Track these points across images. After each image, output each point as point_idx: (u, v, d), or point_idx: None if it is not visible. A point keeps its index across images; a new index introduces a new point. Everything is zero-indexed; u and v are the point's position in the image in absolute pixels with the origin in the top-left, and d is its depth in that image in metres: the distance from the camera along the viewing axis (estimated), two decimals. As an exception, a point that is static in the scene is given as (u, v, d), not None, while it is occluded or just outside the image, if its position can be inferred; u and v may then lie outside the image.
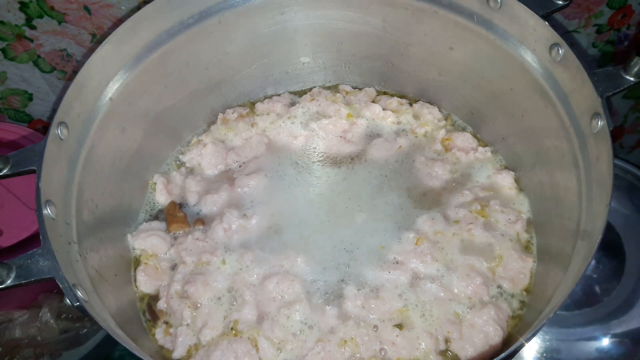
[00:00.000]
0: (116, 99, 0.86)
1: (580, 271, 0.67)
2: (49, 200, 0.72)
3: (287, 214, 0.93)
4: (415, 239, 0.87)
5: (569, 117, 0.79)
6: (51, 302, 1.08)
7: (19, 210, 1.04)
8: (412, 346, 0.79)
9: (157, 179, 0.98)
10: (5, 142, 1.13)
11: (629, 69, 0.73)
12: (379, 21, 0.97)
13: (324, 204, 0.95)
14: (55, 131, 0.75)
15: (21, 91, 1.19)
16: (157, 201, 0.98)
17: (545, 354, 0.96)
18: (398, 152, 0.99)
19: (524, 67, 0.84)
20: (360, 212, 0.93)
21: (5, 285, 0.66)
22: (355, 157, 1.00)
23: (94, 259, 0.80)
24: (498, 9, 0.83)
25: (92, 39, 1.08)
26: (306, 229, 0.91)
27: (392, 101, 1.05)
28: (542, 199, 0.90)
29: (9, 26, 1.04)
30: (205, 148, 1.00)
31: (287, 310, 0.82)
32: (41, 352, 1.08)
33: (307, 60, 1.08)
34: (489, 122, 1.00)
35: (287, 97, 1.09)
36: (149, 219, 0.96)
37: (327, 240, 0.90)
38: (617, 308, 0.96)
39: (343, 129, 1.02)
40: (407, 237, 0.88)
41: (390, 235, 0.89)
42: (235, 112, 1.05)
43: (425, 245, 0.87)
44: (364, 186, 0.96)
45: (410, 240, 0.88)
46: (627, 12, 1.14)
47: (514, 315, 0.83)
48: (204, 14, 0.91)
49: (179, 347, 0.81)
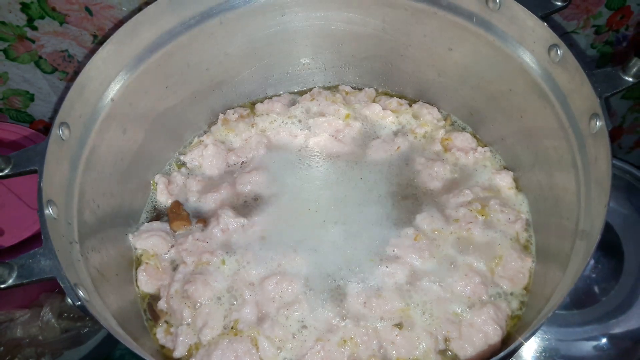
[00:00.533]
0: (117, 100, 0.86)
1: (579, 271, 0.67)
2: (50, 200, 0.72)
3: (286, 214, 0.94)
4: (414, 235, 0.88)
5: (567, 117, 0.79)
6: (52, 301, 1.08)
7: (21, 210, 1.04)
8: (411, 345, 0.79)
9: (159, 179, 0.99)
10: (6, 142, 1.13)
11: (628, 70, 0.74)
12: (379, 22, 0.98)
13: (324, 203, 0.95)
14: (56, 131, 0.76)
15: (23, 92, 1.19)
16: (158, 201, 0.98)
17: (544, 353, 0.96)
18: (398, 152, 0.99)
19: (522, 68, 0.85)
20: (360, 211, 0.93)
21: (6, 285, 0.66)
22: (355, 157, 1.00)
23: (95, 258, 0.80)
24: (497, 10, 0.83)
25: (93, 39, 1.08)
26: (305, 228, 0.92)
27: (391, 101, 1.05)
28: (541, 199, 0.90)
29: (10, 27, 1.04)
30: (206, 149, 1.01)
31: (287, 310, 0.82)
32: (42, 351, 1.08)
33: (307, 61, 1.08)
34: (488, 122, 1.00)
35: (287, 97, 1.10)
36: (150, 219, 0.97)
37: (326, 239, 0.90)
38: (615, 308, 0.97)
39: (337, 129, 1.02)
40: (406, 232, 0.88)
41: (389, 233, 0.89)
42: (236, 113, 1.05)
43: (423, 241, 0.87)
44: (364, 185, 0.96)
45: (409, 235, 0.88)
46: (626, 13, 1.15)
47: (513, 315, 0.83)
48: (205, 15, 0.92)
49: (180, 347, 0.82)
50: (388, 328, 0.81)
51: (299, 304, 0.82)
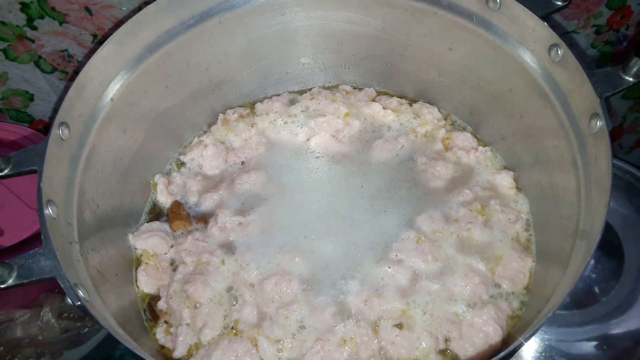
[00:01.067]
0: (117, 100, 0.86)
1: (579, 271, 0.67)
2: (50, 200, 0.72)
3: (285, 213, 0.94)
4: (416, 238, 0.87)
5: (568, 117, 0.79)
6: (52, 301, 1.08)
7: (21, 210, 1.04)
8: (412, 345, 0.79)
9: (159, 179, 0.99)
10: (6, 142, 1.13)
11: (628, 70, 0.74)
12: (379, 22, 0.98)
13: (323, 202, 0.95)
14: (56, 131, 0.75)
15: (22, 91, 1.19)
16: (158, 201, 0.98)
17: (544, 353, 0.96)
18: (399, 152, 0.99)
19: (523, 68, 0.84)
20: (359, 210, 0.93)
21: (6, 285, 0.66)
22: (355, 156, 1.00)
23: (95, 258, 0.80)
24: (497, 10, 0.83)
25: (93, 39, 1.08)
26: (305, 227, 0.91)
27: (392, 101, 1.05)
28: (541, 198, 0.90)
29: (10, 27, 1.04)
30: (206, 149, 1.01)
31: (286, 310, 0.82)
32: (42, 351, 1.08)
33: (307, 60, 1.08)
34: (488, 122, 1.00)
35: (287, 96, 1.10)
36: (150, 219, 0.96)
37: (325, 239, 0.90)
38: (615, 308, 0.96)
39: (337, 129, 1.02)
40: (408, 235, 0.88)
41: (390, 233, 0.89)
42: (236, 113, 1.05)
43: (426, 244, 0.87)
44: (364, 185, 0.96)
45: (411, 239, 0.88)
46: (626, 12, 1.14)
47: (513, 315, 0.83)
48: (204, 14, 0.92)
49: (180, 347, 0.82)
50: (388, 328, 0.80)
51: (297, 304, 0.82)
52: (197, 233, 0.92)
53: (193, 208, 0.97)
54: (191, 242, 0.90)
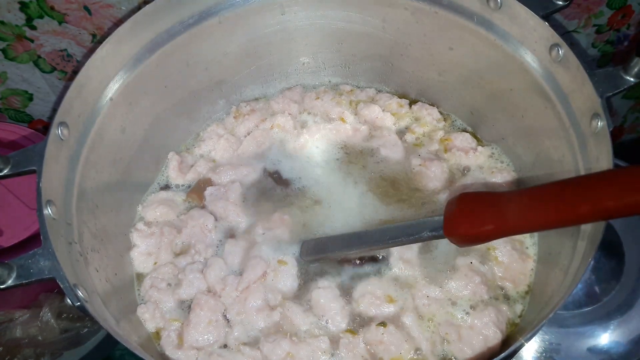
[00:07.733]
0: (116, 99, 0.86)
1: (580, 271, 0.67)
2: (49, 201, 0.72)
3: (286, 213, 0.93)
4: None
5: (568, 117, 0.79)
6: (52, 301, 1.08)
7: (20, 210, 1.04)
8: (409, 347, 0.79)
9: (172, 156, 1.00)
10: (5, 142, 1.13)
11: (629, 70, 0.73)
12: (379, 21, 0.98)
13: (323, 202, 0.94)
14: (55, 131, 0.75)
15: (21, 91, 1.19)
16: (169, 176, 0.99)
17: (545, 354, 0.96)
18: (398, 152, 0.99)
19: (523, 68, 0.84)
20: (360, 210, 0.93)
21: (6, 285, 0.66)
22: (355, 156, 1.00)
23: (95, 258, 0.80)
24: (498, 9, 0.83)
25: (92, 39, 1.08)
26: (305, 227, 0.91)
27: (391, 101, 1.05)
28: (542, 199, 0.89)
29: (9, 26, 1.04)
30: (205, 148, 1.02)
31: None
32: (42, 351, 1.08)
33: (307, 60, 1.08)
34: (488, 122, 1.00)
35: (287, 95, 1.09)
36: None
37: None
38: (616, 308, 0.96)
39: (337, 129, 1.02)
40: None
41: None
42: (249, 106, 1.06)
43: (427, 247, 0.86)
44: (364, 184, 0.96)
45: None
46: (627, 12, 1.14)
47: (514, 318, 0.82)
48: (204, 14, 0.92)
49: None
50: (384, 330, 0.80)
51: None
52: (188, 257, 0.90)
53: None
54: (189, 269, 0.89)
